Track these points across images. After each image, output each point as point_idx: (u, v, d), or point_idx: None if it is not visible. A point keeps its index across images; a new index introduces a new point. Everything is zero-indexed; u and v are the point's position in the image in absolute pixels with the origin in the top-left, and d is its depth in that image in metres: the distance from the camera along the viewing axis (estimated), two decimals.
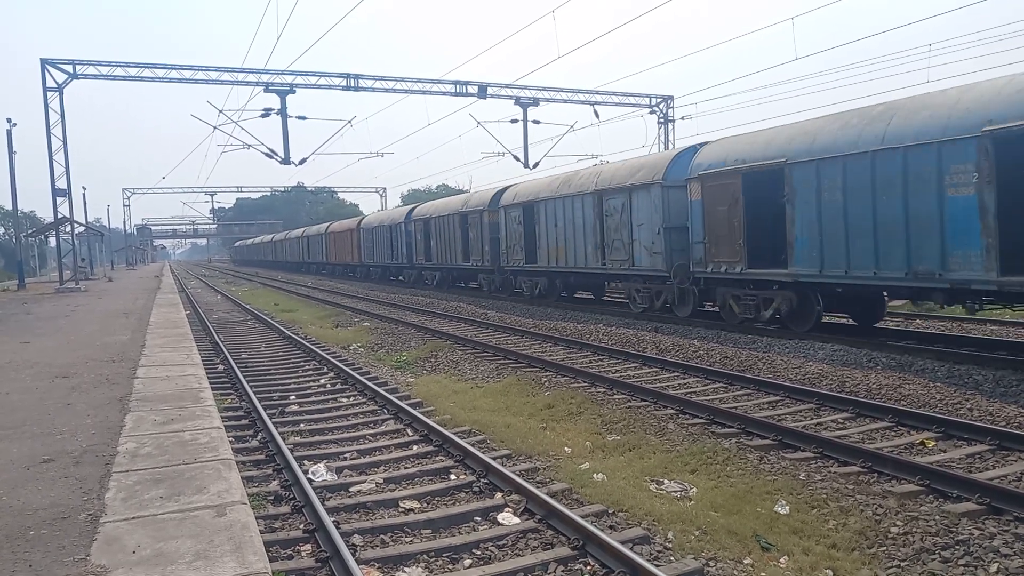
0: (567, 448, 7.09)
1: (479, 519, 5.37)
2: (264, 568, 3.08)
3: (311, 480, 6.13)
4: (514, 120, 33.06)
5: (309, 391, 10.42)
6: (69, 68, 27.27)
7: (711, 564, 4.51)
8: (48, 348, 10.53)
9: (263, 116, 28.95)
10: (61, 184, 28.44)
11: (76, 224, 34.23)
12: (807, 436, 6.88)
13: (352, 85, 29.89)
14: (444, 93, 31.27)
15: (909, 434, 7.13)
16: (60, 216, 29.41)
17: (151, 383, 7.45)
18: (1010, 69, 10.94)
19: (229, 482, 4.21)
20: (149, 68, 28.07)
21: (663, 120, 35.64)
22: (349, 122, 31.90)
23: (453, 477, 6.34)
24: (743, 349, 11.77)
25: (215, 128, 30.10)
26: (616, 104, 34.91)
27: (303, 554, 4.78)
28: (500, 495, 5.72)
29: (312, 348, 13.91)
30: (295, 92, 28.95)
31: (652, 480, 6.04)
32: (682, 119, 35.70)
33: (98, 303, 20.28)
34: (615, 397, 9.06)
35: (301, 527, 5.16)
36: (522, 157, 33.64)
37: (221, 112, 29.10)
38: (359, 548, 4.84)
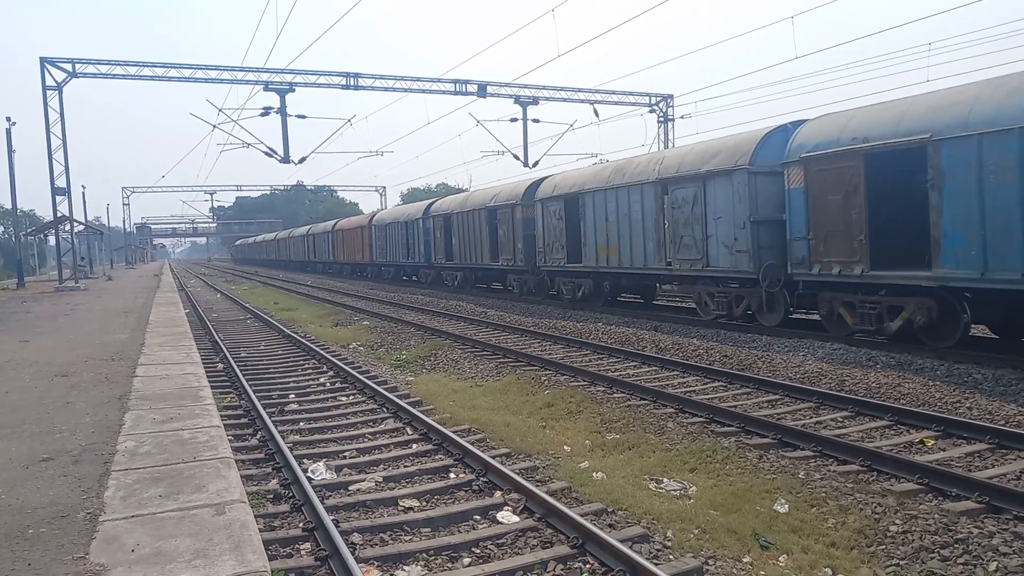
0: (566, 447, 7.09)
1: (478, 518, 5.37)
2: (263, 567, 3.07)
3: (310, 479, 6.13)
4: (514, 119, 33.05)
5: (308, 390, 10.43)
6: (68, 67, 27.22)
7: (710, 562, 4.52)
8: (47, 347, 10.52)
9: (263, 115, 28.94)
10: (60, 183, 28.44)
11: (75, 223, 34.18)
12: (806, 435, 6.89)
13: (351, 84, 29.85)
14: (444, 92, 31.24)
15: (908, 433, 7.14)
16: (59, 215, 29.39)
17: (150, 382, 7.44)
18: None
19: (228, 481, 4.20)
20: (148, 67, 28.05)
21: (663, 119, 35.63)
22: (349, 121, 31.92)
23: (452, 476, 6.34)
24: (742, 348, 11.77)
25: (215, 127, 30.13)
26: (616, 103, 34.92)
27: (302, 552, 4.78)
28: (499, 494, 5.72)
29: (311, 347, 13.92)
30: (294, 91, 28.93)
31: (651, 479, 6.05)
32: (682, 118, 35.75)
33: (97, 302, 20.26)
34: (615, 396, 9.07)
35: (300, 526, 5.16)
36: (522, 156, 33.67)
37: (221, 111, 29.15)
38: (358, 546, 4.84)
